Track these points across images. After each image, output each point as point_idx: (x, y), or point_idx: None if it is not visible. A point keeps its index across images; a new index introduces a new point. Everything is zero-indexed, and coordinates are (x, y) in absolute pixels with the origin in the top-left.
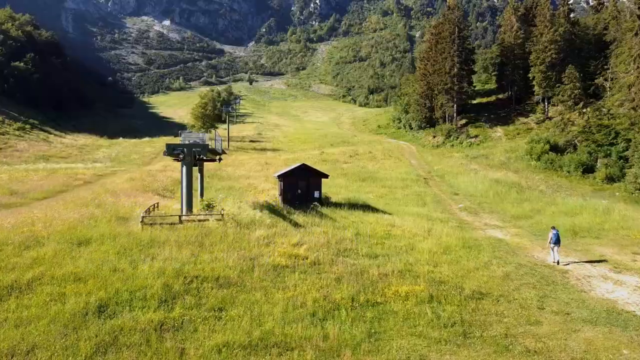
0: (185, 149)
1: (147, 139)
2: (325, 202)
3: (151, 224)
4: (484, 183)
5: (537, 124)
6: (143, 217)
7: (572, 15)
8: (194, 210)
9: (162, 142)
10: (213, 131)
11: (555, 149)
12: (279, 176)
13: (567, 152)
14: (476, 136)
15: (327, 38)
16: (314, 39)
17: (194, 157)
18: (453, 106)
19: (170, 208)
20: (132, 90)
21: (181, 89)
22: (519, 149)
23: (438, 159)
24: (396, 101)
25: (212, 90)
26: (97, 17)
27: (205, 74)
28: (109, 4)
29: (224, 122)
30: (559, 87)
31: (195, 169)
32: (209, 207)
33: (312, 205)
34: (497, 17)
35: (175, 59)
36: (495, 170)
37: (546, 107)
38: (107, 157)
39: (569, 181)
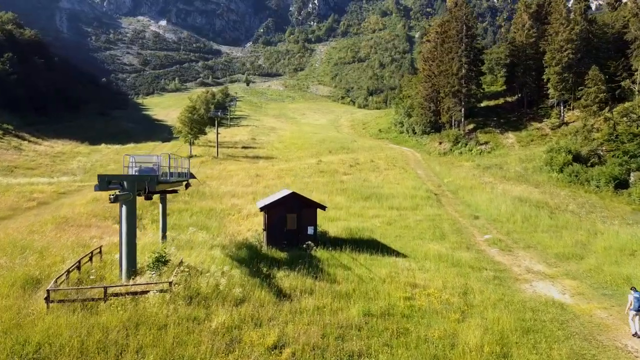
0: (125, 182)
1: (131, 144)
2: (321, 239)
3: (62, 301)
4: (506, 202)
5: (552, 129)
6: (49, 291)
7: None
8: (144, 259)
9: (147, 148)
10: (167, 156)
11: (577, 159)
12: (262, 208)
13: (591, 163)
14: (486, 143)
15: (326, 39)
16: (312, 39)
17: (145, 189)
18: (461, 110)
19: (110, 259)
20: (126, 92)
21: (177, 90)
22: (536, 158)
23: (447, 169)
24: (397, 104)
25: (207, 92)
26: (92, 17)
27: (201, 75)
28: (105, 4)
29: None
30: (581, 89)
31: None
32: (160, 261)
33: (304, 246)
34: (496, 18)
35: (171, 59)
36: (513, 184)
37: (562, 111)
38: (82, 167)
39: (600, 198)
